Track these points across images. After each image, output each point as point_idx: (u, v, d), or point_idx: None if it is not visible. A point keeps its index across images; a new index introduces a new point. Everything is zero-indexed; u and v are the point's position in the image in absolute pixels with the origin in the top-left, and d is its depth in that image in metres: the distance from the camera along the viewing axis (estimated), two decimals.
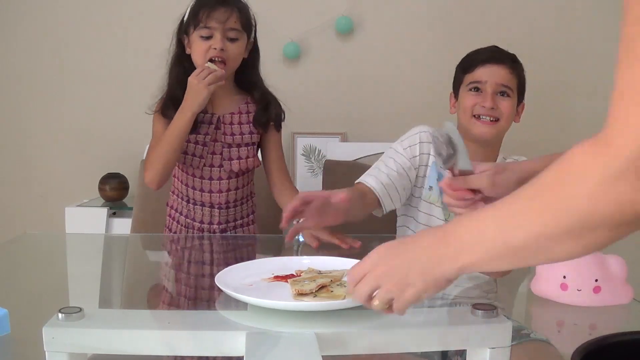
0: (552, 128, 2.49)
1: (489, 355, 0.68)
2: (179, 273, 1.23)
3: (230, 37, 1.38)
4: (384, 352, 0.73)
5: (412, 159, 1.46)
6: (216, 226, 1.48)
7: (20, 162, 2.47)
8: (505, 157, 1.52)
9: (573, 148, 0.54)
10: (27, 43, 2.41)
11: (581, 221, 0.52)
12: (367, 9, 2.41)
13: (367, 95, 2.46)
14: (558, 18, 2.44)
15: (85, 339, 0.65)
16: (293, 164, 2.40)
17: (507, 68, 1.45)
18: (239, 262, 0.99)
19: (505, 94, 1.44)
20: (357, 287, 0.67)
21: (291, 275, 0.92)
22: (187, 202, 1.48)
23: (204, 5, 1.36)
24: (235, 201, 1.49)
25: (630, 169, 0.47)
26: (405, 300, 0.65)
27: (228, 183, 1.46)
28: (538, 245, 0.56)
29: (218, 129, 1.44)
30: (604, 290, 0.92)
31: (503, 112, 1.43)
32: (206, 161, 1.44)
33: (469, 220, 0.63)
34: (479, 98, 1.44)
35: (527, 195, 0.58)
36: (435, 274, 0.63)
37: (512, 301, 1.09)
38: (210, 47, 1.36)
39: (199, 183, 1.46)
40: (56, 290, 1.07)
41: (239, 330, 0.67)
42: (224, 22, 1.36)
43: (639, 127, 0.46)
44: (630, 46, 0.47)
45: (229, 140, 1.45)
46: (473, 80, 1.46)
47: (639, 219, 0.49)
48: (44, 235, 1.70)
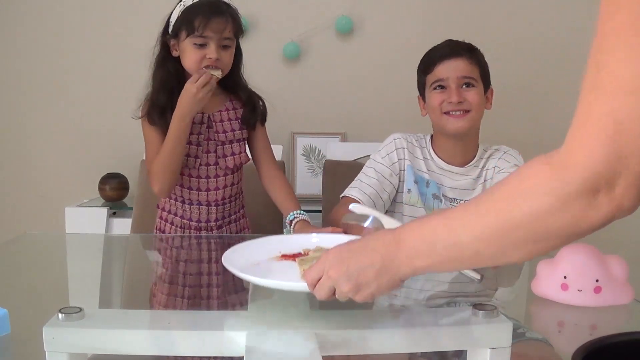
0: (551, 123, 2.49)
1: (489, 355, 0.68)
2: (179, 273, 1.23)
3: (224, 45, 1.38)
4: (384, 352, 0.73)
5: (391, 166, 1.51)
6: (213, 223, 1.49)
7: (20, 162, 2.47)
8: (485, 148, 1.53)
9: (527, 167, 0.58)
10: (27, 43, 2.41)
11: (536, 234, 0.57)
12: (367, 9, 2.41)
13: (367, 95, 2.46)
14: (558, 18, 2.44)
15: (85, 339, 0.65)
16: (293, 164, 2.40)
17: (466, 59, 1.45)
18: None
19: (470, 85, 1.45)
20: (316, 290, 0.72)
21: (299, 254, 0.91)
22: (182, 203, 1.49)
23: (198, 13, 1.34)
24: (230, 197, 1.51)
25: (587, 188, 0.52)
26: (363, 298, 0.70)
27: (224, 180, 1.48)
28: (490, 252, 0.62)
29: (210, 128, 1.45)
30: (605, 291, 0.92)
31: (471, 103, 1.44)
32: (202, 160, 1.45)
33: (420, 227, 0.68)
34: (444, 95, 1.45)
35: (478, 211, 0.62)
36: (390, 276, 0.68)
37: (512, 301, 1.09)
38: (204, 56, 1.35)
39: (196, 182, 1.46)
40: (56, 290, 1.07)
41: (239, 330, 0.67)
42: (220, 32, 1.36)
43: (594, 150, 0.51)
44: (591, 73, 0.52)
45: (222, 138, 1.46)
46: (435, 80, 1.48)
47: (592, 230, 0.55)
48: (44, 235, 1.70)
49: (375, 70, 2.44)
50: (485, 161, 1.51)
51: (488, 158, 1.52)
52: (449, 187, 1.50)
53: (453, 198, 1.50)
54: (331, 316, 0.75)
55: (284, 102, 2.41)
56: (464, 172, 1.51)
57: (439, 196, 1.50)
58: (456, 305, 1.03)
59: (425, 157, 1.53)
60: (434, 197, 1.50)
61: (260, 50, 2.35)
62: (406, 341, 0.72)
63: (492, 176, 1.49)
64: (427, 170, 1.52)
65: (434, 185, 1.51)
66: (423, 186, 1.51)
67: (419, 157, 1.53)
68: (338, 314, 0.75)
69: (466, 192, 1.50)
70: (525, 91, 2.45)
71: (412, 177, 1.52)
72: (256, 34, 2.35)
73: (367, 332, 0.71)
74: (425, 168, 1.52)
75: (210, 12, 1.34)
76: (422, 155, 1.53)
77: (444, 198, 1.50)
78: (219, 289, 1.09)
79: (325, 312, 0.78)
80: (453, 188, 1.50)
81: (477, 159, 1.51)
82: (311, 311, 0.76)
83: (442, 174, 1.51)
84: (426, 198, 1.51)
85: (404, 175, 1.53)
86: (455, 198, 1.51)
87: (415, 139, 1.56)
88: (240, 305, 0.99)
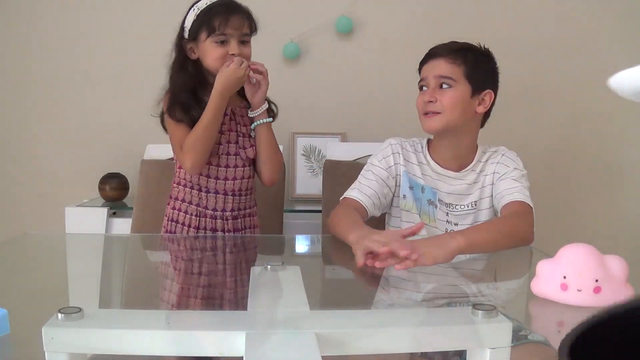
0: (551, 123, 2.49)
1: (489, 355, 0.68)
2: (178, 273, 1.23)
3: (243, 41, 1.47)
4: (384, 352, 0.73)
5: (388, 169, 1.52)
6: (229, 213, 1.53)
7: (20, 162, 2.47)
8: (484, 150, 1.52)
9: None
10: (27, 43, 2.41)
11: None
12: (367, 9, 2.41)
13: (367, 95, 2.46)
14: (557, 19, 2.44)
15: (85, 339, 0.65)
16: (293, 164, 2.40)
17: (447, 59, 1.43)
18: (238, 262, 0.98)
19: (446, 85, 1.43)
20: None
21: None
22: (199, 191, 1.52)
23: (217, 13, 1.43)
24: (246, 190, 1.55)
25: None
26: None
27: (243, 171, 1.53)
28: None
29: (232, 120, 1.52)
30: (605, 291, 0.92)
31: (442, 104, 1.42)
32: (224, 149, 1.50)
33: None
34: (424, 96, 1.45)
35: None
36: None
37: (512, 301, 1.09)
38: (226, 53, 1.44)
39: (215, 171, 1.51)
40: (56, 290, 1.07)
41: (239, 330, 0.67)
42: (239, 28, 1.45)
43: None
44: None
45: (242, 130, 1.53)
46: (420, 80, 1.49)
47: None
48: (44, 235, 1.70)
49: (375, 70, 2.44)
50: (483, 165, 1.50)
51: (486, 162, 1.50)
52: (445, 192, 1.49)
53: (449, 203, 1.49)
54: (331, 316, 0.75)
55: (284, 102, 2.40)
56: (460, 176, 1.50)
57: (434, 202, 1.49)
58: (456, 305, 1.03)
59: (420, 161, 1.53)
60: (429, 203, 1.50)
61: (260, 50, 2.34)
62: (406, 341, 0.72)
63: (493, 182, 1.48)
64: (422, 175, 1.51)
65: (429, 190, 1.50)
66: (418, 192, 1.51)
67: (413, 162, 1.53)
68: (338, 314, 0.75)
69: (462, 197, 1.50)
70: (525, 91, 2.45)
71: (407, 183, 1.51)
72: (256, 33, 2.35)
73: (367, 332, 0.71)
74: (420, 173, 1.51)
75: (228, 11, 1.44)
76: (417, 160, 1.53)
77: (439, 203, 1.49)
78: (219, 289, 1.09)
79: (325, 312, 0.78)
80: (450, 193, 1.49)
81: (475, 162, 1.51)
82: (311, 311, 0.76)
83: (438, 178, 1.50)
84: (421, 204, 1.50)
85: (400, 180, 1.52)
86: (451, 203, 1.49)
87: (410, 144, 1.56)
88: (240, 305, 0.99)
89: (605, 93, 2.23)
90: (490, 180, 1.48)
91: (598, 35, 2.44)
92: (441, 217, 1.50)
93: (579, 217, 2.53)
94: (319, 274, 1.27)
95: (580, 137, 2.49)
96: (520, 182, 1.43)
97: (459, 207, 1.49)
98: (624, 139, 2.52)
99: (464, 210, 1.49)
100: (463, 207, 1.49)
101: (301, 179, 2.41)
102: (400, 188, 1.52)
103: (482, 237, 1.23)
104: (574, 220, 2.52)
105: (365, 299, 1.07)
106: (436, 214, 1.50)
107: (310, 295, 0.77)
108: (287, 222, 1.93)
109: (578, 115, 2.48)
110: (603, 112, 2.48)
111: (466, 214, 1.49)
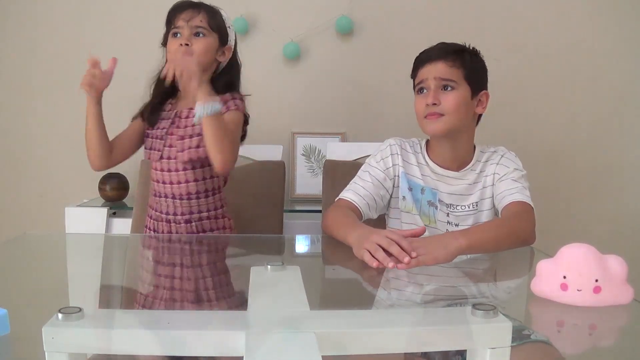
0: (551, 123, 2.49)
1: (489, 355, 0.68)
2: (178, 273, 1.23)
3: (196, 32, 1.50)
4: (384, 352, 0.73)
5: (386, 171, 1.51)
6: (180, 217, 1.56)
7: (20, 162, 2.47)
8: (482, 150, 1.52)
9: None
10: (27, 43, 2.41)
11: None
12: (367, 9, 2.41)
13: (367, 95, 2.46)
14: (557, 19, 2.44)
15: (85, 339, 0.65)
16: (293, 164, 2.40)
17: (447, 61, 1.43)
18: (238, 261, 0.98)
19: (449, 87, 1.43)
20: None
21: None
22: (155, 196, 1.58)
23: (174, 9, 1.52)
24: (197, 193, 1.56)
25: None
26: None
27: (185, 175, 1.54)
28: None
29: (173, 124, 1.55)
30: (604, 291, 0.92)
31: (446, 106, 1.42)
32: (163, 153, 1.54)
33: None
34: (425, 98, 1.44)
35: None
36: None
37: (512, 301, 1.09)
38: (179, 44, 1.49)
39: (161, 176, 1.56)
40: (56, 290, 1.07)
41: (239, 330, 0.67)
42: (189, 20, 1.49)
43: None
44: None
45: (180, 133, 1.54)
46: (417, 83, 1.48)
47: None
48: (44, 236, 1.70)
49: (375, 70, 2.44)
50: (483, 165, 1.50)
51: (486, 162, 1.50)
52: (445, 192, 1.49)
53: (450, 204, 1.49)
54: (331, 316, 0.75)
55: (284, 102, 2.41)
56: (460, 176, 1.50)
57: (435, 203, 1.49)
58: (456, 305, 1.03)
59: (419, 162, 1.52)
60: (429, 204, 1.50)
61: (260, 50, 2.35)
62: (406, 341, 0.72)
63: (493, 183, 1.48)
64: (422, 176, 1.51)
65: (429, 191, 1.50)
66: (418, 193, 1.51)
67: (412, 163, 1.52)
68: (338, 314, 0.75)
69: (463, 198, 1.49)
70: (525, 91, 2.45)
71: (406, 185, 1.51)
72: (256, 34, 2.35)
73: (367, 332, 0.71)
74: (420, 174, 1.51)
75: (182, 6, 1.52)
76: (416, 161, 1.52)
77: (439, 204, 1.49)
78: (219, 289, 1.09)
79: (325, 312, 0.78)
80: (450, 194, 1.49)
81: (474, 162, 1.50)
82: (311, 311, 0.76)
83: (437, 179, 1.50)
84: (421, 205, 1.50)
85: (399, 181, 1.52)
86: (452, 204, 1.49)
87: (409, 144, 1.55)
88: (240, 305, 0.99)
89: (605, 93, 2.25)
90: (490, 181, 1.48)
91: (598, 36, 2.44)
92: (442, 218, 1.49)
93: (579, 217, 2.53)
94: (319, 274, 1.27)
95: (580, 137, 2.49)
96: (521, 183, 1.43)
97: (460, 208, 1.49)
98: (624, 139, 2.52)
99: (464, 211, 1.49)
100: (464, 208, 1.49)
101: (301, 179, 2.41)
102: (400, 189, 1.52)
103: (483, 238, 1.23)
104: (574, 220, 2.52)
105: (365, 299, 1.07)
106: (436, 215, 1.49)
107: (310, 295, 0.77)
108: (287, 222, 1.93)
109: (578, 115, 2.48)
110: (603, 112, 2.48)
111: (467, 215, 1.49)
